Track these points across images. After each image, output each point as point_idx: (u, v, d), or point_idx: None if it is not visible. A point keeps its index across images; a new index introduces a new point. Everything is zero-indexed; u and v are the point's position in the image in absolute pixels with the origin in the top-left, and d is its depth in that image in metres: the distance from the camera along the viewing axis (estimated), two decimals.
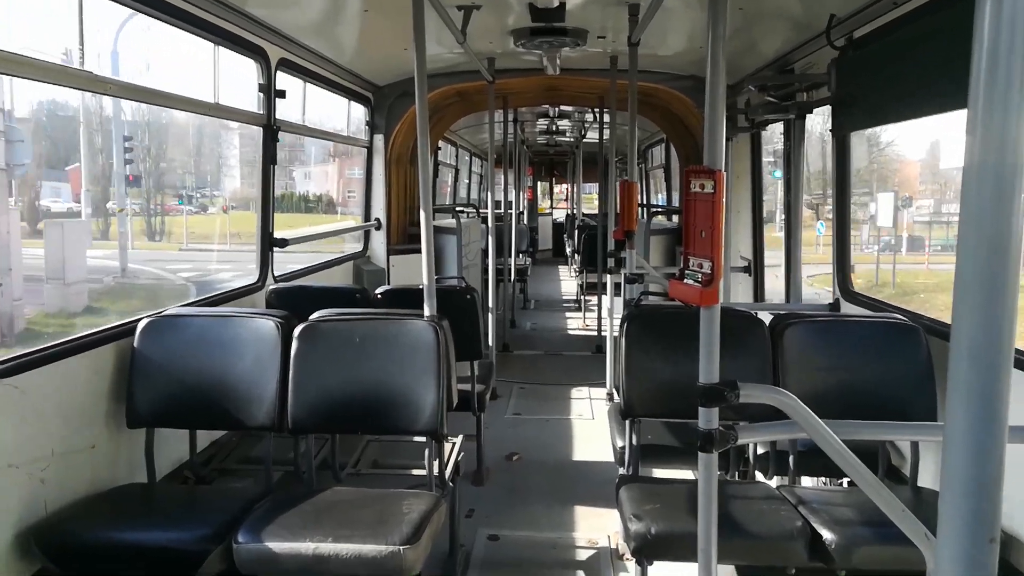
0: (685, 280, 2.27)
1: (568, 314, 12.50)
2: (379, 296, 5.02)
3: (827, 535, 2.91)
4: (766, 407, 2.19)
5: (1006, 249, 0.91)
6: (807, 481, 3.87)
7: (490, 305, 7.35)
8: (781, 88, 5.27)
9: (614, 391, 6.95)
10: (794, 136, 5.19)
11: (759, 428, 2.43)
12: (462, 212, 8.74)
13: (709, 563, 2.38)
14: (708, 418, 2.28)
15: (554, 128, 13.47)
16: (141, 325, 3.57)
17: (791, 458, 3.52)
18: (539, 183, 26.22)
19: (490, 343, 7.27)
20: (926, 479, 3.43)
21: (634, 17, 4.87)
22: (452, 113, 8.89)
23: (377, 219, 7.63)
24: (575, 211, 17.99)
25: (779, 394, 2.17)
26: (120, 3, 3.54)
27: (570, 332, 11.01)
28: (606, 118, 8.93)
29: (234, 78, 4.63)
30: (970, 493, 0.96)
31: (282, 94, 5.19)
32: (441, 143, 10.54)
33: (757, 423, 2.47)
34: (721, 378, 2.26)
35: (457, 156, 13.56)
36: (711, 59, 2.21)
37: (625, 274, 5.45)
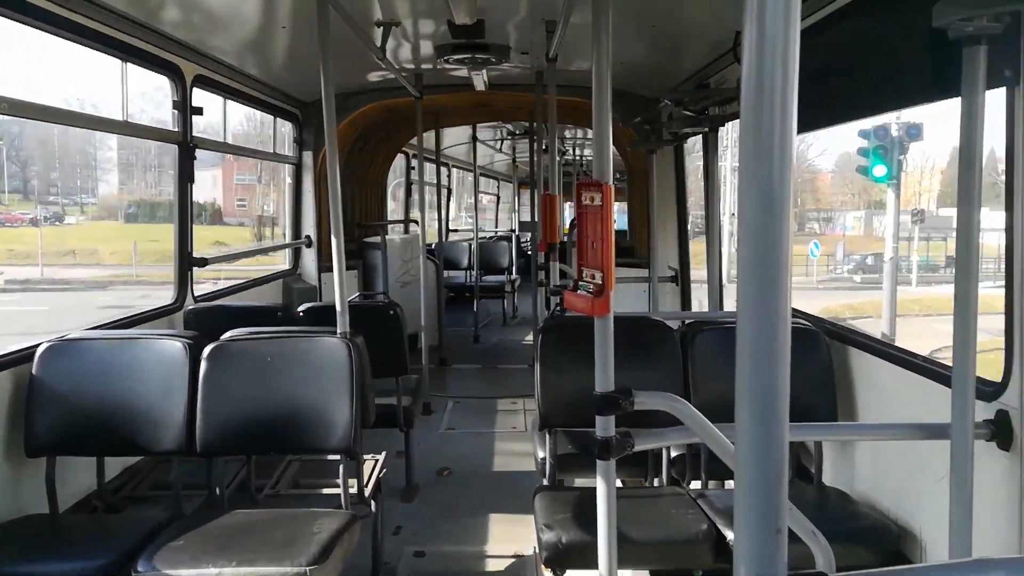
0: (579, 291, 2.32)
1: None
2: (301, 314, 4.95)
3: (730, 535, 2.98)
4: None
5: (778, 244, 0.96)
6: (728, 484, 3.96)
7: (422, 321, 7.31)
8: (699, 102, 5.42)
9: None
10: (710, 148, 5.34)
11: (655, 434, 2.48)
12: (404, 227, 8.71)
13: (611, 569, 2.41)
14: (605, 426, 2.32)
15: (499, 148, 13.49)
16: (40, 350, 3.45)
17: (703, 463, 3.59)
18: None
19: (423, 358, 7.24)
20: (829, 477, 3.55)
21: (551, 33, 4.95)
22: (387, 129, 8.86)
23: (308, 236, 7.54)
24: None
25: (671, 400, 2.23)
26: (20, 21, 3.44)
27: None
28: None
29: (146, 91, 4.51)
30: (755, 491, 1.00)
31: (199, 111, 5.10)
32: (415, 161, 10.41)
33: (654, 428, 2.52)
34: (632, 386, 2.31)
35: (449, 176, 13.17)
36: (596, 78, 2.27)
37: (548, 287, 5.51)
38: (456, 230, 12.34)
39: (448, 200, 12.86)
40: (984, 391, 2.48)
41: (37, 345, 3.49)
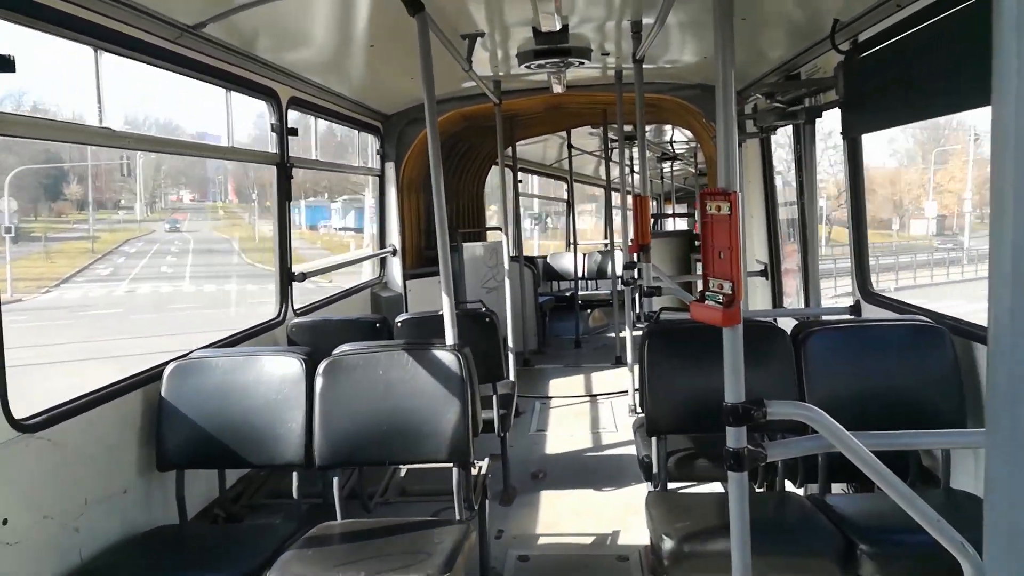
0: (706, 302, 2.28)
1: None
2: (399, 325, 5.05)
3: (862, 545, 2.88)
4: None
5: None
6: (836, 487, 3.83)
7: (508, 327, 7.36)
8: (788, 93, 5.27)
9: (636, 403, 6.92)
10: (804, 140, 5.18)
11: (788, 444, 2.42)
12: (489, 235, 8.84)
13: None
14: (737, 437, 2.28)
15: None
16: (168, 369, 3.63)
17: (819, 466, 3.49)
18: None
19: (511, 362, 7.29)
20: (959, 481, 3.39)
21: (637, 35, 4.90)
22: (469, 137, 8.94)
23: (393, 246, 7.69)
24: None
25: (805, 409, 2.17)
26: (137, 60, 3.62)
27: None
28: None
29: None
30: (1018, 504, 0.93)
31: (294, 132, 5.27)
32: (522, 175, 10.53)
33: (786, 439, 2.46)
34: (746, 391, 2.26)
35: (570, 189, 13.32)
36: (721, 87, 2.21)
37: (642, 287, 5.45)
38: (576, 243, 12.42)
39: (570, 212, 13.02)
40: None
41: (164, 364, 3.66)
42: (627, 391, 7.23)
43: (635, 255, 5.91)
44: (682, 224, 17.29)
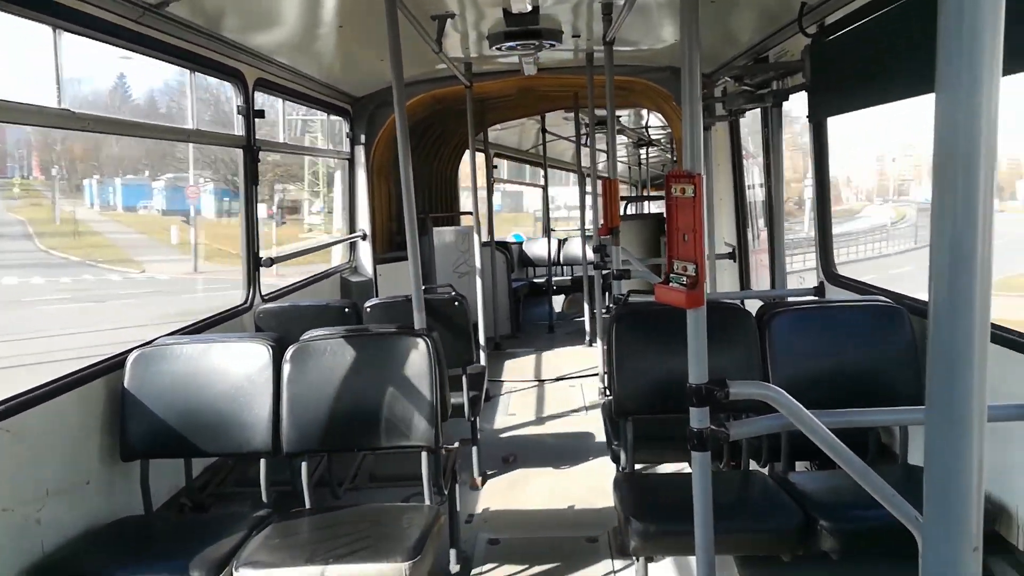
0: (671, 284, 2.29)
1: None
2: (368, 310, 5.01)
3: (821, 521, 2.94)
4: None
5: (975, 226, 0.92)
6: (800, 466, 3.90)
7: (480, 312, 7.35)
8: (756, 76, 5.30)
9: (605, 386, 6.98)
10: (772, 123, 5.22)
11: (750, 424, 2.45)
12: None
13: (708, 558, 2.41)
14: (700, 417, 2.31)
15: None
16: (131, 357, 3.56)
17: (783, 445, 3.55)
18: None
19: (481, 347, 7.29)
20: (915, 457, 3.47)
21: (608, 16, 4.88)
22: (441, 121, 8.86)
23: (363, 230, 7.62)
24: None
25: (766, 389, 2.20)
26: (98, 40, 3.52)
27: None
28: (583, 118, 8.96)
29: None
30: (954, 473, 0.96)
31: (261, 114, 5.18)
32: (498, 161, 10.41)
33: (748, 419, 2.50)
34: (710, 371, 2.29)
35: (545, 175, 13.13)
36: (687, 70, 2.21)
37: (612, 270, 5.47)
38: (554, 229, 12.25)
39: (544, 198, 12.95)
40: None
41: (127, 352, 3.60)
42: (597, 374, 7.28)
43: (605, 238, 5.93)
44: (657, 209, 17.39)
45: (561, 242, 13.09)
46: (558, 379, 7.86)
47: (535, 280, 12.08)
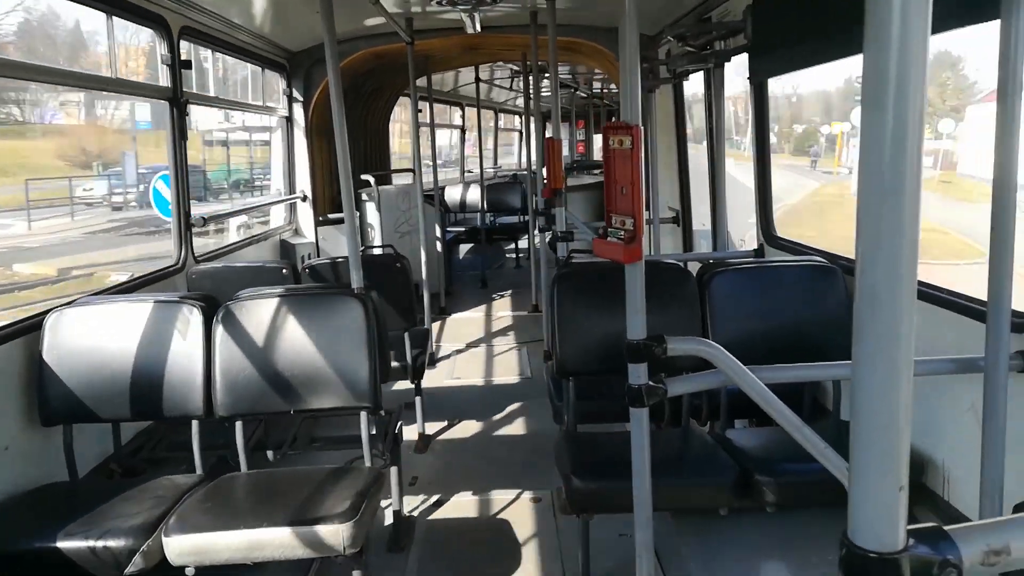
0: (608, 238, 2.26)
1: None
2: (306, 271, 4.89)
3: (757, 475, 3.01)
4: (696, 356, 2.22)
5: (902, 183, 0.91)
6: (739, 424, 3.99)
7: (423, 272, 7.26)
8: (700, 37, 5.28)
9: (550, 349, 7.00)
10: (714, 85, 5.22)
11: (687, 380, 2.47)
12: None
13: (645, 513, 2.43)
14: (638, 374, 2.31)
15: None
16: (49, 318, 3.39)
17: (722, 404, 3.61)
18: None
19: (426, 309, 7.22)
20: (849, 413, 3.57)
21: None
22: (378, 77, 8.60)
23: (303, 191, 7.40)
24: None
25: (704, 345, 2.21)
26: None
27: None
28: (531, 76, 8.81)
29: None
30: (880, 418, 0.98)
31: (188, 64, 4.92)
32: (423, 104, 9.94)
33: (685, 375, 2.51)
34: (651, 331, 2.28)
35: (463, 116, 12.61)
36: (628, 16, 2.17)
37: (556, 232, 5.44)
38: (471, 171, 11.70)
39: (462, 140, 12.51)
40: (1018, 323, 2.47)
41: (45, 313, 3.42)
42: (543, 338, 7.29)
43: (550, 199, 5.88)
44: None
45: (493, 186, 12.52)
46: (504, 342, 7.85)
47: (464, 228, 11.62)
